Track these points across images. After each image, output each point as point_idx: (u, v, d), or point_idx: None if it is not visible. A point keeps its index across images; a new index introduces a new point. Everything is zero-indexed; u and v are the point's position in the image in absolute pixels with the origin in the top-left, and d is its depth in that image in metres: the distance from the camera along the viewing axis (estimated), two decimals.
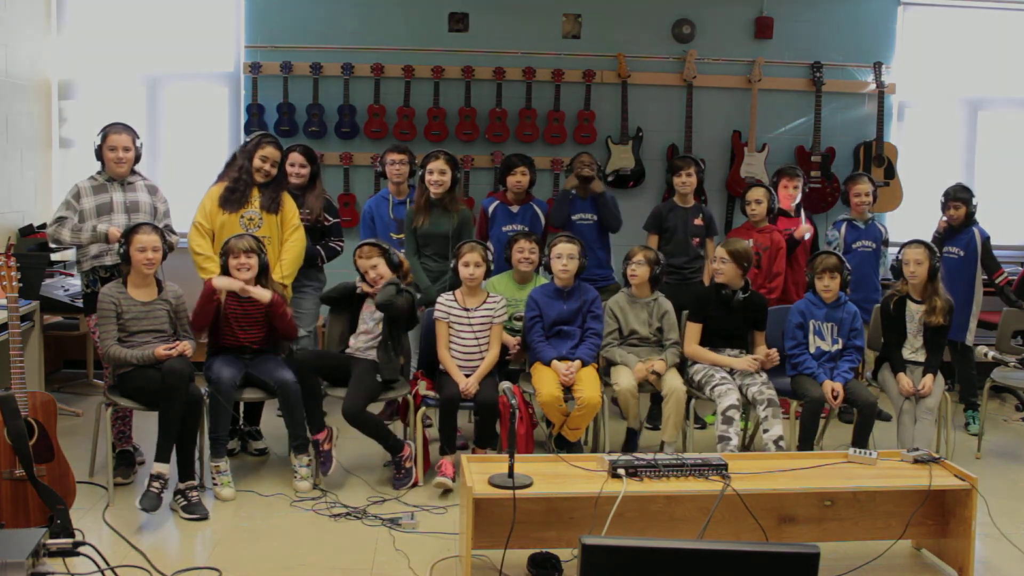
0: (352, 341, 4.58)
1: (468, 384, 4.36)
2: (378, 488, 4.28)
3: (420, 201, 4.93)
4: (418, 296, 4.68)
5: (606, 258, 5.38)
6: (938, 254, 4.65)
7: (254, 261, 4.27)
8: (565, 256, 4.58)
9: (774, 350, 4.53)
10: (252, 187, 4.57)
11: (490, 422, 4.38)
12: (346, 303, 4.62)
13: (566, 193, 5.30)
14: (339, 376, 4.46)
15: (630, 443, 4.66)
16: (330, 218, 5.06)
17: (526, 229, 5.15)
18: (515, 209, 5.31)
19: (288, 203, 4.70)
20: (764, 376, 4.48)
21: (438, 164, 4.86)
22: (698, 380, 4.53)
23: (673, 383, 4.47)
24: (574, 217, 5.25)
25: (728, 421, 4.26)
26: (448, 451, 4.33)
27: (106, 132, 4.35)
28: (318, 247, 4.98)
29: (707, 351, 4.60)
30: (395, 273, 4.48)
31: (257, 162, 4.56)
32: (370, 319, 4.54)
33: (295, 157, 4.94)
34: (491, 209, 5.35)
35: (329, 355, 4.60)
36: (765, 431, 4.29)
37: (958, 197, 5.43)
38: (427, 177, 4.87)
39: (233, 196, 4.54)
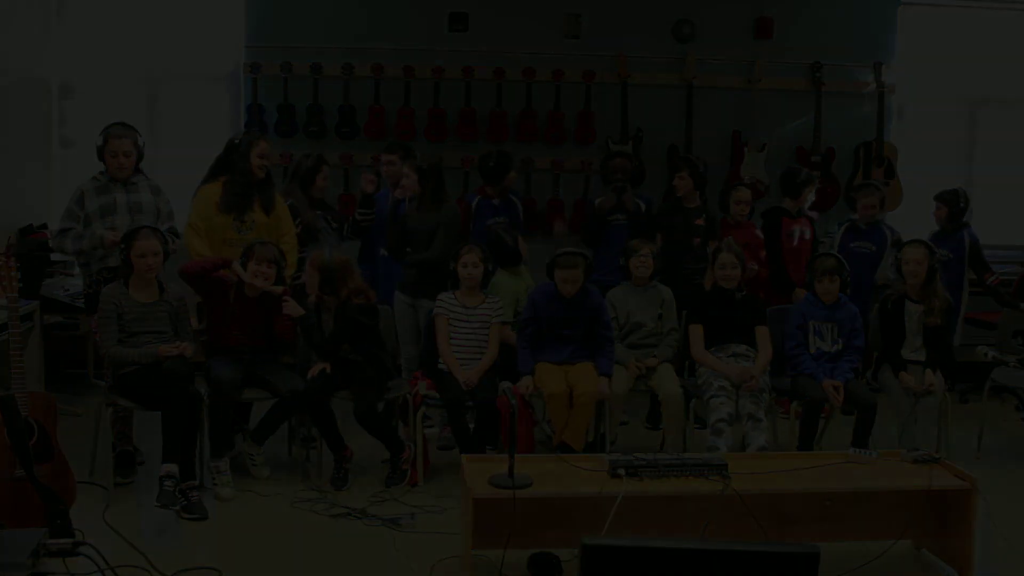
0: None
1: (469, 376, 4.36)
2: (378, 488, 4.27)
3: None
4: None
5: None
6: (937, 254, 4.65)
7: (272, 272, 4.29)
8: (570, 283, 4.48)
9: (756, 375, 4.47)
10: (252, 187, 4.55)
11: (490, 422, 4.37)
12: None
13: (599, 214, 5.29)
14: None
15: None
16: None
17: (506, 221, 5.18)
18: (496, 202, 5.36)
19: (281, 208, 4.68)
20: (764, 383, 4.46)
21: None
22: (699, 383, 4.52)
23: (668, 389, 4.45)
24: (608, 218, 5.26)
25: (718, 432, 4.26)
26: (469, 450, 4.15)
27: (107, 135, 4.33)
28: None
29: (712, 357, 4.57)
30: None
31: (255, 160, 4.53)
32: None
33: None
34: (474, 204, 5.42)
35: (325, 374, 4.41)
36: (747, 445, 4.28)
37: (940, 197, 5.53)
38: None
39: (236, 200, 4.50)
